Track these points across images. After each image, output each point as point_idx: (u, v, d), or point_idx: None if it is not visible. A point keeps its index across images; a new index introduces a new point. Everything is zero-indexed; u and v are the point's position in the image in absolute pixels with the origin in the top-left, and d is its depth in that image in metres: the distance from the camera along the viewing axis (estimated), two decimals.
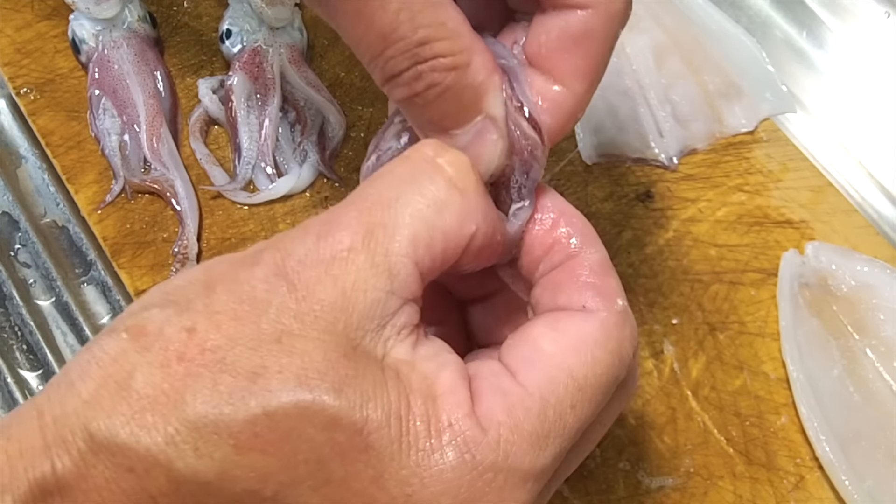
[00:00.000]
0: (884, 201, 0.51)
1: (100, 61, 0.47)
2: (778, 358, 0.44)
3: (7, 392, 0.44)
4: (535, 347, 0.25)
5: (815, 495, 0.41)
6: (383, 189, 0.25)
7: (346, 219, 0.24)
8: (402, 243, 0.24)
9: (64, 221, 0.47)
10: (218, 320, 0.22)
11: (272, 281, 0.23)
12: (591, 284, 0.26)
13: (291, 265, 0.23)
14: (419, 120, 0.27)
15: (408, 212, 0.24)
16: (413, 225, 0.24)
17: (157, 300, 0.24)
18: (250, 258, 0.24)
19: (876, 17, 0.55)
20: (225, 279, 0.23)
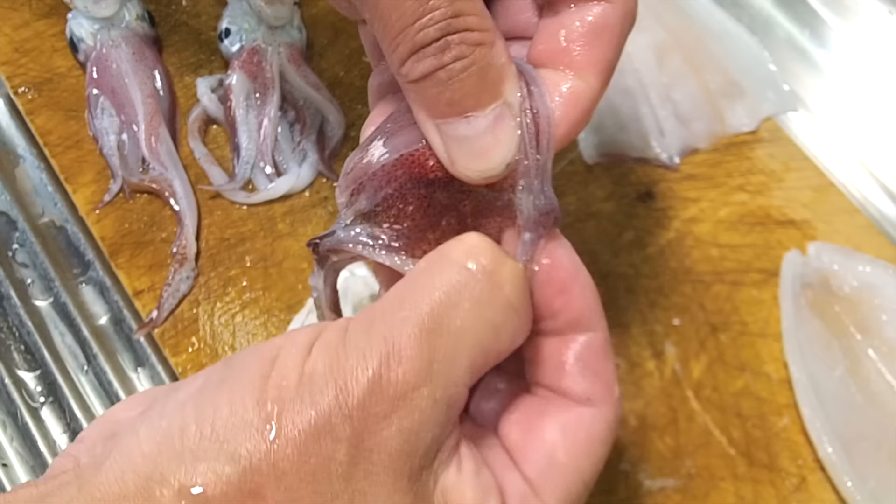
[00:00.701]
0: (886, 201, 0.50)
1: (98, 60, 0.46)
2: (780, 359, 0.44)
3: (5, 393, 0.44)
4: (552, 460, 0.26)
5: (817, 497, 0.41)
6: (441, 307, 0.23)
7: (407, 346, 0.23)
8: (462, 374, 0.23)
9: (62, 221, 0.47)
10: (288, 485, 0.21)
11: (336, 431, 0.22)
12: (597, 374, 0.26)
13: (353, 410, 0.22)
14: (436, 101, 0.25)
15: (468, 340, 0.23)
16: (472, 354, 0.23)
17: (210, 448, 0.22)
18: (306, 392, 0.22)
19: (878, 16, 0.55)
20: (285, 428, 0.22)
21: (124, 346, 0.45)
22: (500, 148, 0.26)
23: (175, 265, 0.43)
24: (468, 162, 0.26)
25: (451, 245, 0.25)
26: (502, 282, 0.24)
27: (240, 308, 0.43)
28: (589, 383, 0.26)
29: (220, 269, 0.44)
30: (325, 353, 0.23)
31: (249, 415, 0.22)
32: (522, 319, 0.25)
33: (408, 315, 0.23)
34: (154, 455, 0.22)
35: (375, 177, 0.27)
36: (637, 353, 0.43)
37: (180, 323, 0.43)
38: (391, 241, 0.27)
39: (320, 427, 0.22)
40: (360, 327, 0.23)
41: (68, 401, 0.44)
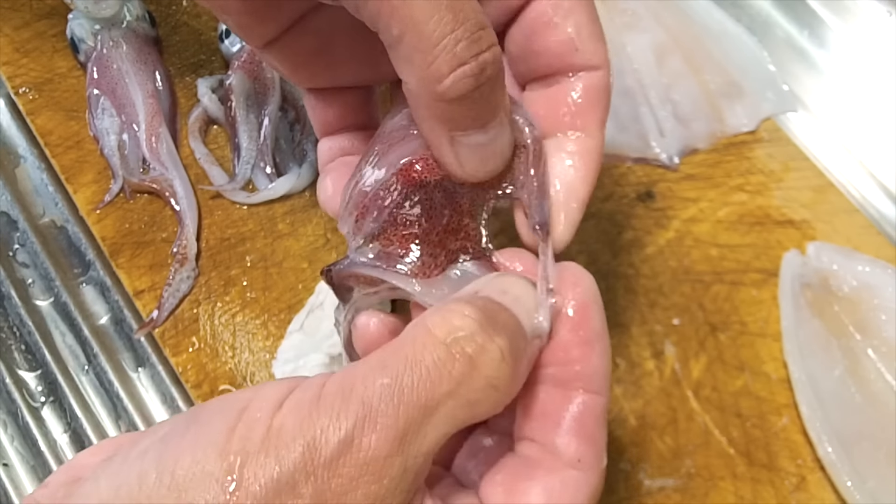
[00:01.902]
0: (885, 201, 0.50)
1: (98, 61, 0.47)
2: (779, 358, 0.44)
3: (6, 392, 0.44)
4: None
5: (816, 496, 0.41)
6: (421, 382, 0.23)
7: (384, 414, 0.22)
8: (431, 444, 0.23)
9: (62, 221, 0.47)
10: None
11: (300, 489, 0.21)
12: (592, 439, 0.26)
13: (319, 469, 0.22)
14: (463, 116, 0.26)
15: (443, 416, 0.23)
16: (446, 428, 0.23)
17: (166, 497, 0.22)
18: (272, 446, 0.22)
19: (877, 16, 0.55)
20: (245, 482, 0.22)
21: (125, 345, 0.45)
22: (505, 150, 0.28)
23: (175, 265, 0.43)
24: (479, 166, 0.27)
25: (437, 321, 0.24)
26: (482, 365, 0.24)
27: (240, 308, 0.43)
28: (583, 446, 0.26)
29: (221, 268, 0.44)
30: (297, 409, 0.23)
31: (211, 465, 0.22)
32: (503, 393, 0.24)
33: (388, 383, 0.23)
34: (111, 502, 0.22)
35: (377, 196, 0.28)
36: (637, 353, 0.43)
37: (181, 323, 0.43)
38: (404, 255, 0.28)
39: (283, 483, 0.21)
40: (337, 388, 0.23)
41: (69, 400, 0.44)
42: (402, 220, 0.28)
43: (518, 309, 0.26)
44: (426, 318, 0.25)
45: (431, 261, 0.28)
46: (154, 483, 0.22)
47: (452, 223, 0.28)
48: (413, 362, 0.23)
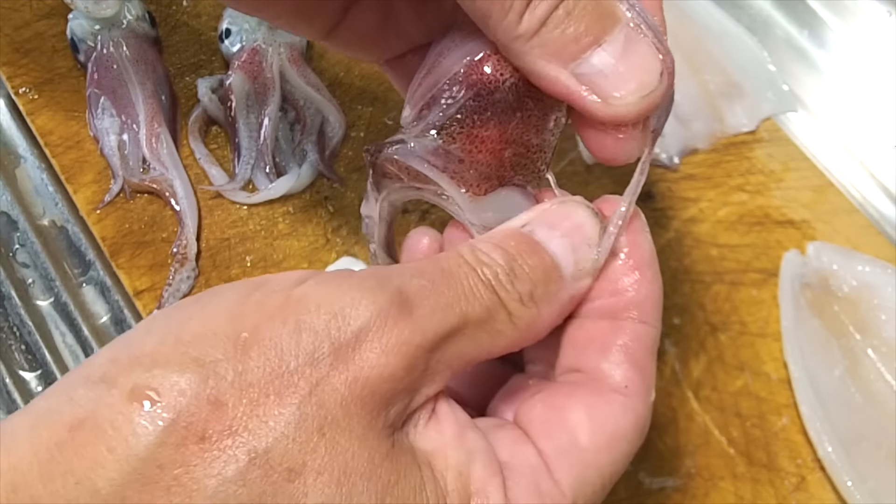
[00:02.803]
0: (885, 201, 0.50)
1: (98, 61, 0.46)
2: (779, 358, 0.44)
3: (6, 393, 0.44)
4: (573, 441, 0.24)
5: (816, 496, 0.41)
6: (452, 293, 0.23)
7: (419, 310, 0.22)
8: (453, 357, 0.23)
9: (63, 221, 0.47)
10: (252, 397, 0.19)
11: (319, 353, 0.20)
12: (640, 366, 0.25)
13: (345, 337, 0.21)
14: (562, 42, 0.24)
15: (465, 335, 0.23)
16: (468, 346, 0.23)
17: (171, 353, 0.20)
18: (291, 312, 0.21)
19: (877, 17, 0.55)
20: (260, 340, 0.20)
21: None
22: (646, 62, 0.24)
23: (175, 265, 0.43)
24: (623, 90, 0.24)
25: (479, 246, 0.24)
26: (507, 300, 0.24)
27: None
28: (631, 372, 0.25)
29: (221, 269, 0.44)
30: (323, 283, 0.22)
31: (222, 325, 0.20)
32: (521, 333, 0.24)
33: (425, 284, 0.22)
34: (111, 359, 0.21)
35: (447, 89, 0.26)
36: None
37: None
38: (462, 160, 0.26)
39: (302, 346, 0.20)
40: (371, 274, 0.22)
41: None
42: (469, 120, 0.26)
43: (567, 242, 0.25)
44: (460, 247, 0.24)
45: (488, 171, 0.27)
46: (158, 340, 0.20)
47: (517, 132, 0.26)
48: (450, 274, 0.23)
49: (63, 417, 0.19)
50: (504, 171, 0.27)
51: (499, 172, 0.27)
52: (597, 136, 0.26)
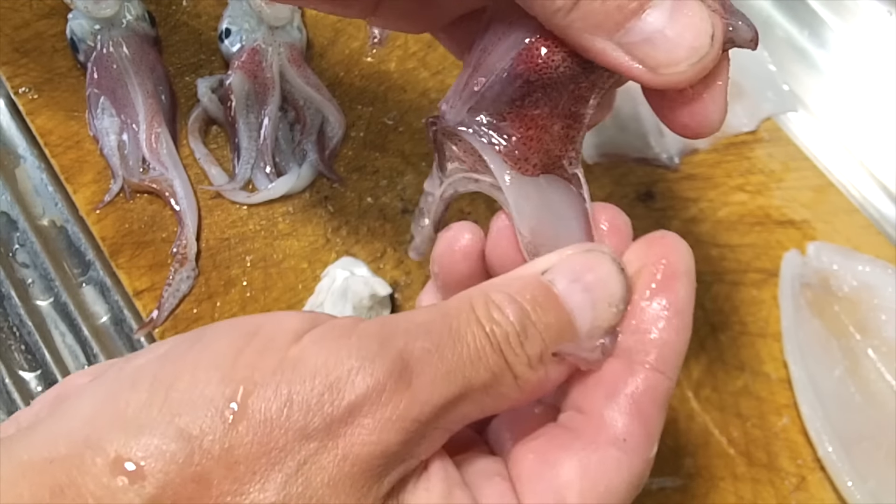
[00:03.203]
0: (885, 201, 0.50)
1: (98, 60, 0.46)
2: (779, 358, 0.44)
3: (5, 393, 0.44)
4: (560, 502, 0.23)
5: (816, 496, 0.41)
6: (457, 360, 0.22)
7: (418, 380, 0.21)
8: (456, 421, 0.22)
9: (62, 221, 0.47)
10: (238, 475, 0.19)
11: (311, 430, 0.19)
12: (645, 419, 0.24)
13: (339, 413, 0.20)
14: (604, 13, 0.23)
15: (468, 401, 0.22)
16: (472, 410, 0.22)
17: (158, 419, 0.19)
18: (284, 381, 0.20)
19: (878, 16, 0.55)
20: (250, 414, 0.19)
21: (125, 345, 0.45)
22: (696, 25, 0.23)
23: (175, 265, 0.43)
24: (672, 57, 0.23)
25: (480, 304, 0.23)
26: (514, 363, 0.22)
27: (240, 308, 0.43)
28: (633, 425, 0.23)
29: (221, 269, 0.44)
30: (322, 342, 0.21)
31: (211, 390, 0.19)
32: (527, 394, 0.23)
33: (429, 349, 0.21)
34: (94, 419, 0.20)
35: (498, 82, 0.26)
36: None
37: (181, 323, 0.43)
38: (511, 137, 0.26)
39: (293, 421, 0.19)
40: (375, 332, 0.21)
41: None
42: (520, 104, 0.26)
43: (587, 298, 0.24)
44: (473, 295, 0.23)
45: (538, 146, 0.26)
46: (145, 403, 0.19)
47: (566, 106, 0.26)
48: (456, 336, 0.22)
49: (45, 479, 0.19)
50: (552, 145, 0.26)
51: (547, 146, 0.26)
52: (672, 110, 0.25)
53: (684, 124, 0.25)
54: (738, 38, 0.24)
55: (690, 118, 0.25)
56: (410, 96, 0.49)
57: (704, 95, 0.24)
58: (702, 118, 0.25)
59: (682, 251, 0.25)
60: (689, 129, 0.25)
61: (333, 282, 0.42)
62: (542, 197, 0.27)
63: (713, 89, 0.24)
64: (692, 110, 0.25)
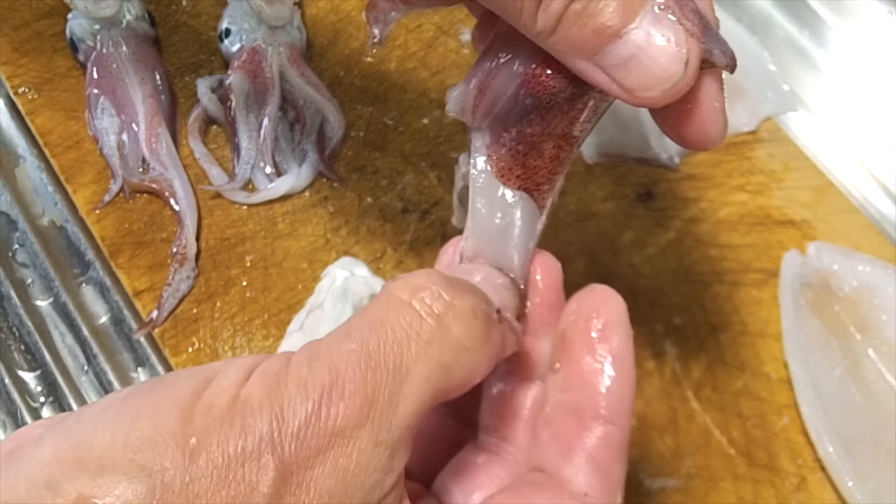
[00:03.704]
0: (886, 201, 0.50)
1: (98, 60, 0.46)
2: (780, 358, 0.44)
3: (5, 393, 0.44)
4: None
5: (817, 496, 0.41)
6: (388, 345, 0.22)
7: (351, 380, 0.21)
8: (406, 416, 0.22)
9: (62, 221, 0.47)
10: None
11: (264, 460, 0.20)
12: (605, 472, 0.24)
13: (286, 440, 0.20)
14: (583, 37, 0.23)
15: (414, 380, 0.22)
16: (418, 395, 0.22)
17: (118, 458, 0.20)
18: (237, 415, 0.20)
19: (878, 16, 0.55)
20: (208, 446, 0.20)
21: (124, 345, 0.45)
22: (669, 51, 0.23)
23: (175, 265, 0.43)
24: (646, 82, 0.24)
25: (399, 284, 0.23)
26: (452, 322, 0.22)
27: (240, 308, 0.43)
28: (593, 477, 0.24)
29: (221, 269, 0.44)
30: (264, 378, 0.21)
31: (172, 427, 0.20)
32: (476, 356, 0.23)
33: (354, 348, 0.22)
34: (55, 461, 0.20)
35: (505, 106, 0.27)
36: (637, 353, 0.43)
37: (180, 323, 0.43)
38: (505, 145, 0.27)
39: (248, 452, 0.20)
40: (304, 358, 0.22)
41: (68, 401, 0.44)
42: (524, 124, 0.27)
43: (485, 286, 0.25)
44: (389, 283, 0.23)
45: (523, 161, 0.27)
46: (107, 442, 0.20)
47: (560, 127, 0.27)
48: (378, 324, 0.22)
49: None
50: (540, 163, 0.28)
51: (534, 163, 0.28)
52: (674, 129, 0.26)
53: (687, 141, 0.26)
54: (715, 62, 0.25)
55: (691, 136, 0.26)
56: (410, 96, 0.49)
57: (703, 116, 0.25)
58: (702, 136, 0.26)
59: (614, 303, 0.26)
60: (691, 145, 0.26)
61: (333, 282, 0.42)
62: (503, 208, 0.28)
63: (710, 111, 0.25)
64: (692, 129, 0.26)
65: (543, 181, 0.28)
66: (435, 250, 0.45)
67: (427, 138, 0.48)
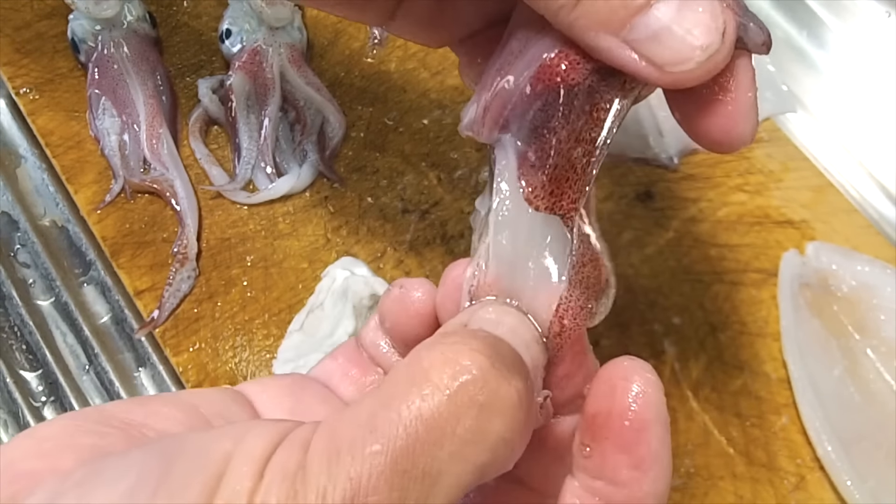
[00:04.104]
0: (884, 201, 0.51)
1: (99, 61, 0.47)
2: (779, 358, 0.44)
3: (7, 392, 0.44)
4: None
5: (815, 495, 0.41)
6: (419, 445, 0.19)
7: (376, 491, 0.18)
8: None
9: (63, 221, 0.47)
10: None
11: None
12: None
13: None
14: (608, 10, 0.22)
15: (444, 484, 0.19)
16: (449, 497, 0.19)
17: None
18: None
19: (876, 17, 0.55)
20: None
21: (126, 345, 0.45)
22: (704, 20, 0.21)
23: (176, 265, 0.43)
24: (680, 55, 0.22)
25: (437, 360, 0.19)
26: (493, 415, 0.19)
27: (240, 308, 0.43)
28: None
29: (221, 268, 0.44)
30: (281, 482, 0.19)
31: None
32: (516, 449, 0.20)
33: (379, 450, 0.18)
34: None
35: (518, 104, 0.24)
36: (636, 353, 0.43)
37: (181, 322, 0.43)
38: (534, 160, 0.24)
39: None
40: (323, 455, 0.19)
41: (70, 400, 0.44)
42: (543, 129, 0.24)
43: (516, 342, 0.22)
44: (423, 354, 0.20)
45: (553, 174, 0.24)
46: None
47: (584, 131, 0.24)
48: (409, 419, 0.19)
49: None
50: (571, 175, 0.25)
51: (566, 175, 0.25)
52: (700, 125, 0.24)
53: (714, 140, 0.24)
54: (750, 39, 0.23)
55: (719, 131, 0.24)
56: (410, 97, 0.49)
57: (734, 107, 0.23)
58: (731, 131, 0.24)
59: (651, 395, 0.22)
60: (718, 145, 0.24)
61: (334, 281, 0.42)
62: (530, 237, 0.24)
63: (742, 101, 0.23)
64: (721, 123, 0.24)
65: (575, 198, 0.25)
66: (435, 250, 0.45)
67: (427, 138, 0.48)
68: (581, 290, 0.25)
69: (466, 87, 0.32)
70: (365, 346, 0.28)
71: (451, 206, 0.46)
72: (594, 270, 0.25)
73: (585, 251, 0.25)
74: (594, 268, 0.25)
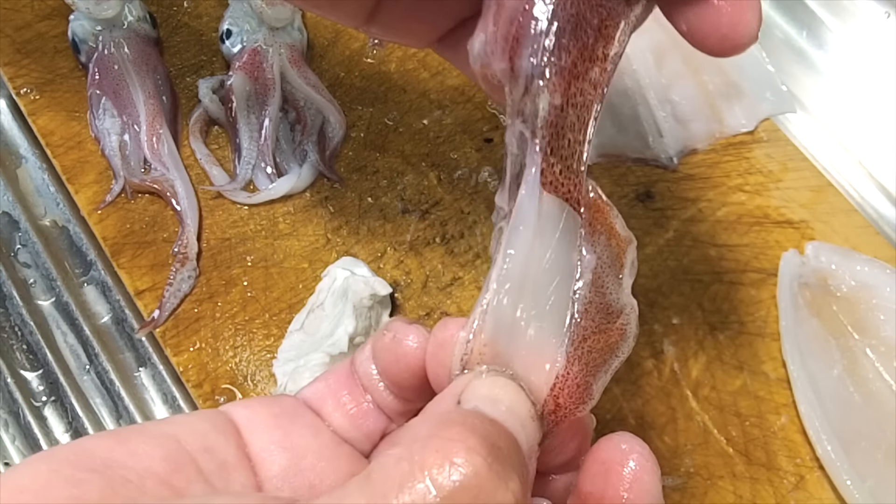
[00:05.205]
0: (884, 201, 0.51)
1: (100, 61, 0.47)
2: (778, 358, 0.44)
3: (7, 392, 0.44)
4: None
5: (815, 495, 0.41)
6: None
7: None
8: None
9: (64, 221, 0.47)
10: None
11: None
12: None
13: None
14: None
15: None
16: None
17: None
18: None
19: (876, 17, 0.55)
20: None
21: (126, 345, 0.45)
22: None
23: (176, 265, 0.43)
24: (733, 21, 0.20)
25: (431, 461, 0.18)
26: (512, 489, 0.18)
27: (241, 308, 0.43)
28: None
29: (222, 268, 0.44)
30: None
31: None
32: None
33: None
34: None
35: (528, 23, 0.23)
36: (636, 353, 0.43)
37: (182, 322, 0.43)
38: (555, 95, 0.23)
39: None
40: None
41: (70, 400, 0.44)
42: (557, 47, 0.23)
43: (513, 423, 0.21)
44: (416, 449, 0.18)
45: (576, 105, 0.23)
46: None
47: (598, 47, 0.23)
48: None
49: None
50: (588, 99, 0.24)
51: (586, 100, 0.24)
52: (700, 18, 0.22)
53: (722, 35, 0.21)
54: None
55: (727, 24, 0.21)
56: (410, 97, 0.49)
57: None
58: (736, 25, 0.21)
59: (646, 483, 0.22)
60: (726, 40, 0.21)
61: (334, 281, 0.43)
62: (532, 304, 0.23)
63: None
64: (726, 16, 0.21)
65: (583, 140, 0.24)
66: (435, 250, 0.45)
67: (427, 139, 0.48)
68: (580, 367, 0.23)
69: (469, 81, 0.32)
70: (359, 374, 0.26)
71: (451, 206, 0.46)
72: (601, 340, 0.23)
73: (592, 319, 0.23)
74: (601, 337, 0.23)
